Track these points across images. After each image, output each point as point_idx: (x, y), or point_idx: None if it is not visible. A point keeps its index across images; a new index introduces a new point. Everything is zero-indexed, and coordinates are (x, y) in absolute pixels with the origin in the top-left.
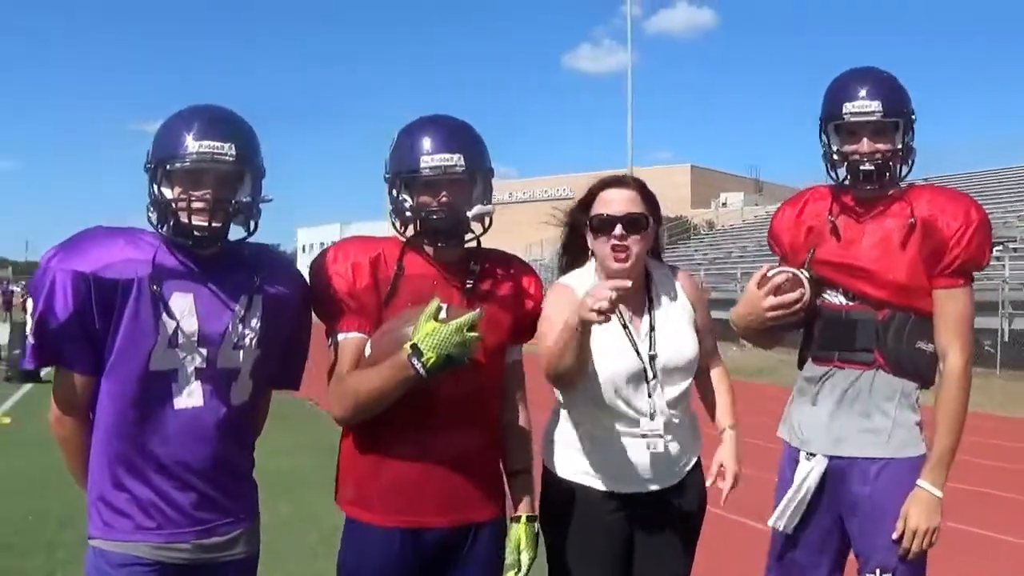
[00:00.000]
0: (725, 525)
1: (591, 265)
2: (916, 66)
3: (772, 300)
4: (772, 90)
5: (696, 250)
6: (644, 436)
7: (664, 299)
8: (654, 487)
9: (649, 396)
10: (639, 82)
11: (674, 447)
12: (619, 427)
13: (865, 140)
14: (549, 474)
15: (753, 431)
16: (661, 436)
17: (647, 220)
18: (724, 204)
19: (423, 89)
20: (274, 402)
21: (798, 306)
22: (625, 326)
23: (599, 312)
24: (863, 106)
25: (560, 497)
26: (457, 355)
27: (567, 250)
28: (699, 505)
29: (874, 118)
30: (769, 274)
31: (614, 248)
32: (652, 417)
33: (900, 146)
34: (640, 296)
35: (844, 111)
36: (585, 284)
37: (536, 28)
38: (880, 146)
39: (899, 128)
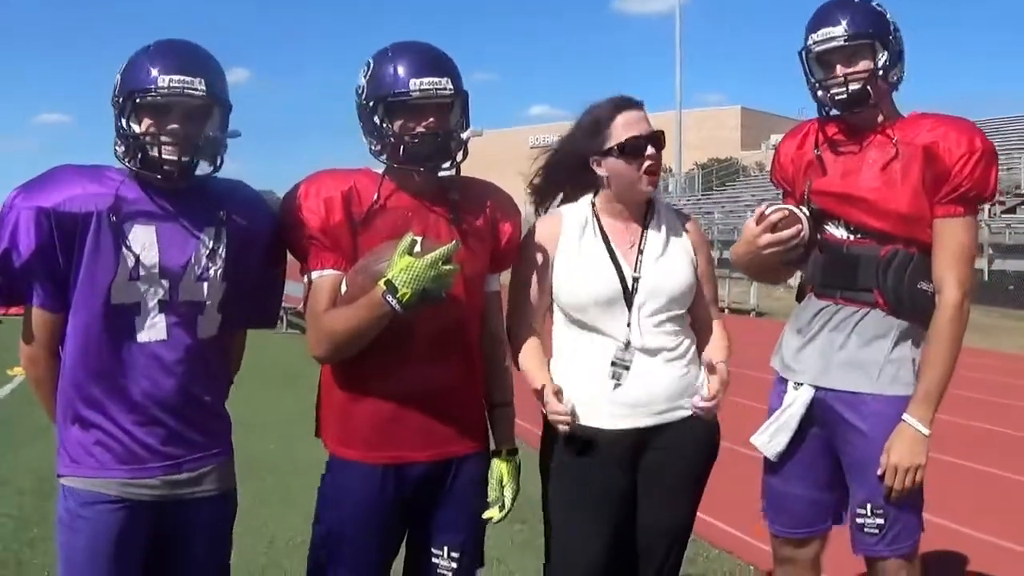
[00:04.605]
0: (722, 455)
1: (586, 199)
2: None
3: (768, 237)
4: None
5: (745, 191)
6: (613, 364)
7: (663, 229)
8: (641, 423)
9: (628, 325)
10: (689, 24)
11: (660, 384)
12: (595, 353)
13: (838, 67)
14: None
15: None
16: (627, 368)
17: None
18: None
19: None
20: None
21: (795, 242)
22: (611, 248)
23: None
24: (826, 34)
25: (549, 439)
26: (433, 289)
27: (556, 185)
28: (704, 453)
29: (837, 43)
30: (767, 212)
31: (649, 170)
32: (627, 346)
33: (877, 67)
34: (637, 221)
35: (810, 42)
36: (579, 217)
37: None
38: (852, 69)
39: (874, 50)
